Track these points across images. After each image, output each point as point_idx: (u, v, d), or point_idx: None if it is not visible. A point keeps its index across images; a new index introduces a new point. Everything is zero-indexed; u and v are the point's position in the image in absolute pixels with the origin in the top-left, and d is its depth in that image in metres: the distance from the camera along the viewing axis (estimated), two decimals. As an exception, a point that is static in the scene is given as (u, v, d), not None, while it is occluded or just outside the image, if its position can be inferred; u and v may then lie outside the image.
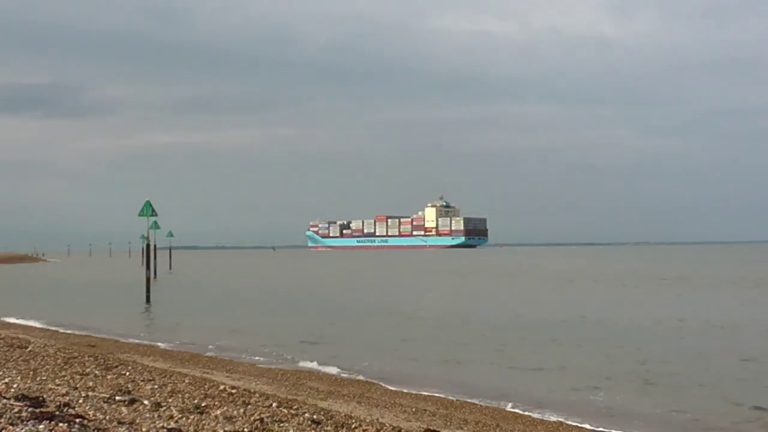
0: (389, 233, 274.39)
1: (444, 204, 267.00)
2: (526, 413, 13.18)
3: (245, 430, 8.42)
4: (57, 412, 7.97)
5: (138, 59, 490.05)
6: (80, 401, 9.03)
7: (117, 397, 9.63)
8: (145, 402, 9.47)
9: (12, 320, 27.92)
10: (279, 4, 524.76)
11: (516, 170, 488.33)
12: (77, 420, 7.66)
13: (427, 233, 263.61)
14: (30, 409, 7.93)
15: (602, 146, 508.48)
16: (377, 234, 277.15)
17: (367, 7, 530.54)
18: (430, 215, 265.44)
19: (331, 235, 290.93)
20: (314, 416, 9.73)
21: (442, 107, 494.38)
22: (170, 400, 10.04)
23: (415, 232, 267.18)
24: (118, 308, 35.87)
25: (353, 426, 9.39)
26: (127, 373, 12.85)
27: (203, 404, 9.96)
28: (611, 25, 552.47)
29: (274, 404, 10.51)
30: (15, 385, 10.01)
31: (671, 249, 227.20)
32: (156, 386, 11.55)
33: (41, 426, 7.18)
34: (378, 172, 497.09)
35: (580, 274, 65.53)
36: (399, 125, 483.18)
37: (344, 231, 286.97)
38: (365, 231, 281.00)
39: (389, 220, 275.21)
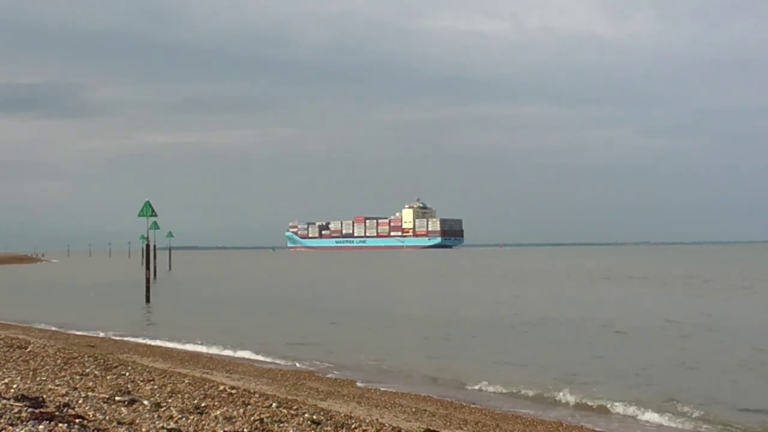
0: (367, 234, 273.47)
1: (421, 205, 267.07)
2: (526, 413, 12.76)
3: (245, 430, 8.02)
4: (57, 413, 7.53)
5: (136, 59, 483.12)
6: (80, 401, 8.56)
7: (117, 398, 9.19)
8: (145, 402, 9.03)
9: (11, 320, 27.16)
10: (275, 4, 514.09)
11: (512, 171, 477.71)
12: (77, 420, 7.24)
13: (404, 234, 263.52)
14: (30, 410, 7.47)
15: (600, 146, 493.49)
16: (355, 235, 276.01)
17: (363, 7, 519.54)
18: (407, 216, 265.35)
19: (310, 235, 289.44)
20: (314, 416, 9.32)
21: (436, 108, 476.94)
22: (170, 401, 9.61)
23: (392, 233, 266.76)
24: (118, 308, 35.08)
25: (353, 426, 8.99)
26: (127, 374, 12.33)
27: (203, 404, 9.52)
28: (607, 24, 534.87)
29: (274, 404, 10.07)
30: (15, 386, 9.51)
31: (671, 249, 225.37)
32: (156, 386, 11.07)
33: (41, 426, 6.75)
34: (361, 173, 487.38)
35: (571, 273, 65.31)
36: (393, 126, 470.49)
37: (323, 232, 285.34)
38: (344, 232, 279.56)
39: (367, 221, 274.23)
